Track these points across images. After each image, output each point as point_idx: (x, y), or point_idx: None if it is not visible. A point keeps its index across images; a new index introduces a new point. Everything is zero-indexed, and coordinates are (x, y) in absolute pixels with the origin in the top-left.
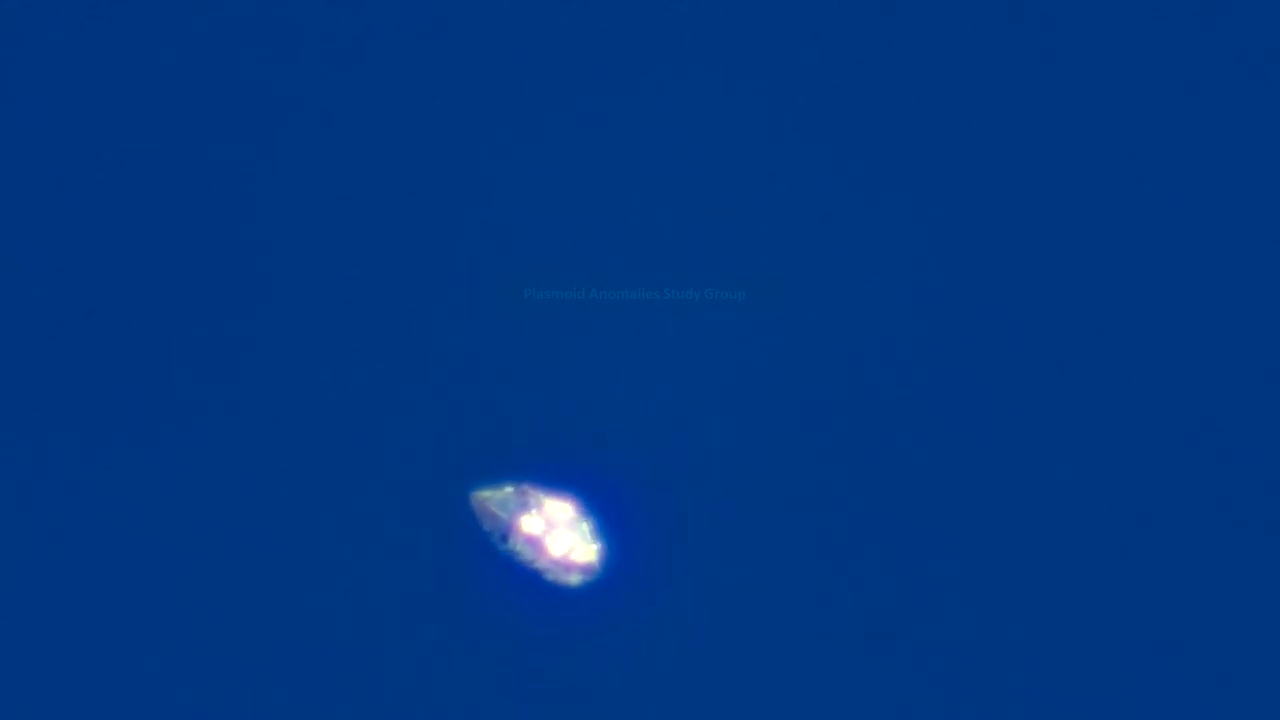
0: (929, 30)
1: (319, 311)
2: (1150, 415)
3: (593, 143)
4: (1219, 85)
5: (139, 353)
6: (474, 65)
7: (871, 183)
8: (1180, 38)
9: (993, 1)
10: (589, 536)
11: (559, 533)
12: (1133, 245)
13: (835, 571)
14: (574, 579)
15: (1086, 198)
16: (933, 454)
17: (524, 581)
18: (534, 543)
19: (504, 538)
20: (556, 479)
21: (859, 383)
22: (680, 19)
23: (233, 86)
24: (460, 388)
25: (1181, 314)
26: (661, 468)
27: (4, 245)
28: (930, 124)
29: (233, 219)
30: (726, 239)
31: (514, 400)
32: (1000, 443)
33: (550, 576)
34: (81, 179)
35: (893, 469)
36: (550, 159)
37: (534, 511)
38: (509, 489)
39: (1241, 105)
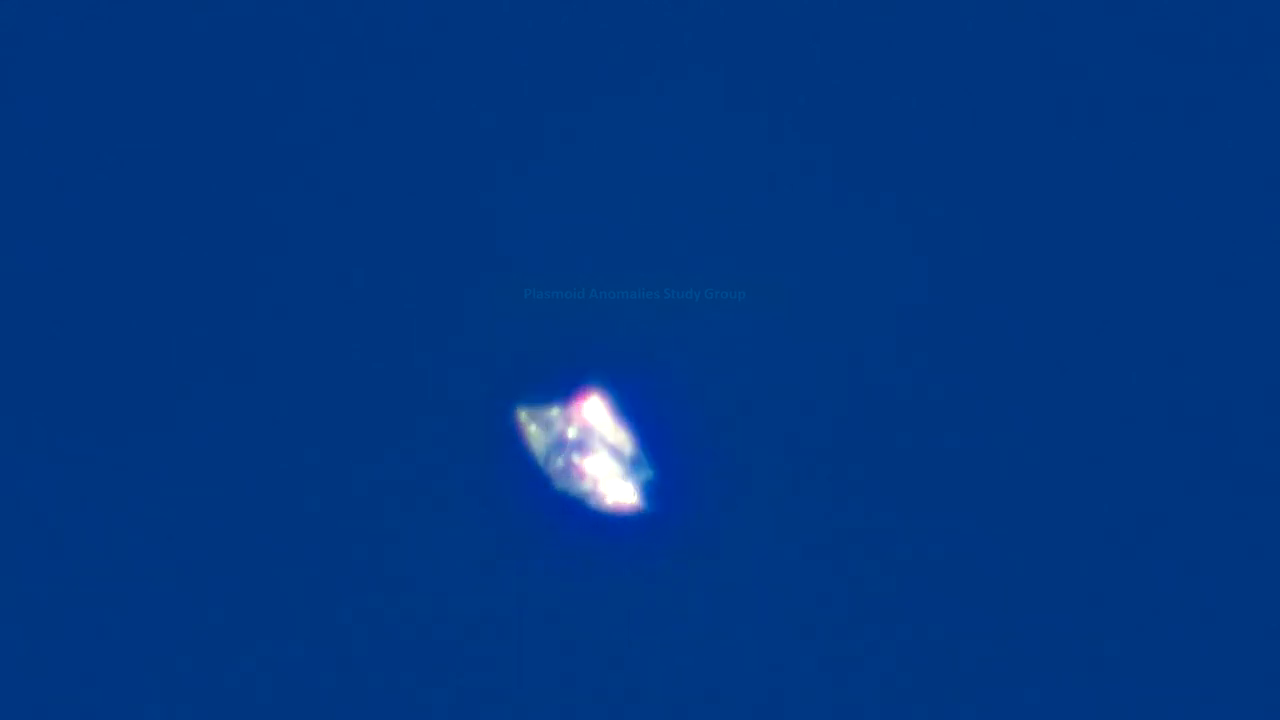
0: (930, 31)
1: (319, 311)
2: (1152, 416)
3: (593, 142)
4: (1219, 86)
5: (176, 336)
6: (473, 64)
7: (872, 183)
8: (1180, 39)
9: (993, 2)
10: (630, 464)
11: (601, 457)
12: (1135, 246)
13: (833, 569)
14: (613, 504)
15: (1088, 199)
16: (935, 454)
17: (565, 504)
18: (576, 467)
19: (547, 460)
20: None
21: (860, 383)
22: (680, 19)
23: (235, 86)
24: (460, 387)
25: (1183, 314)
26: (660, 469)
27: (6, 245)
28: (931, 124)
29: (237, 219)
30: (726, 239)
31: (512, 401)
32: (1002, 442)
33: (590, 500)
34: (86, 180)
35: (894, 468)
36: (550, 158)
37: (578, 435)
38: (555, 410)
39: (1242, 106)
